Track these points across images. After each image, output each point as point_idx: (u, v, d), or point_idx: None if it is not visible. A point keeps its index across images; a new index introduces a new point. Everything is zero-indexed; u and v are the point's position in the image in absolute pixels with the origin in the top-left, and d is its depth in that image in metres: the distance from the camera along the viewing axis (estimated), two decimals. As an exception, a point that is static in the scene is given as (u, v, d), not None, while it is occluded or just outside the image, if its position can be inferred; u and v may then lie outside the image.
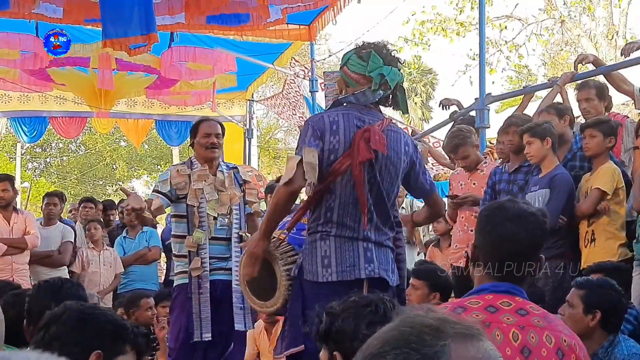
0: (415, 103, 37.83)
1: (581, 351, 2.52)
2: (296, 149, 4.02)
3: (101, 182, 35.83)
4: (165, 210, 6.24)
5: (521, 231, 2.60)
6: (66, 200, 11.02)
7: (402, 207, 9.59)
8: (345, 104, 4.02)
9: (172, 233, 5.91)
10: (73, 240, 8.93)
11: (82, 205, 10.35)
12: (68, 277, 8.33)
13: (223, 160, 6.01)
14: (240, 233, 5.76)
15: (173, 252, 5.91)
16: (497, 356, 1.35)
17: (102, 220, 9.67)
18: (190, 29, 10.09)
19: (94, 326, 2.42)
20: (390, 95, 4.10)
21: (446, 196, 8.66)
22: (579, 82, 6.62)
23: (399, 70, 4.11)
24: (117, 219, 10.58)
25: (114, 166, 34.98)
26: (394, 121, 4.24)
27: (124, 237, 9.54)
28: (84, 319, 2.45)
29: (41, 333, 2.45)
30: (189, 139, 6.27)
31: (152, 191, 5.86)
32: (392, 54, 4.14)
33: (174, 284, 5.84)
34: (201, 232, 5.58)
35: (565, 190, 5.62)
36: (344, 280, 3.80)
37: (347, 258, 3.84)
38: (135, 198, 5.73)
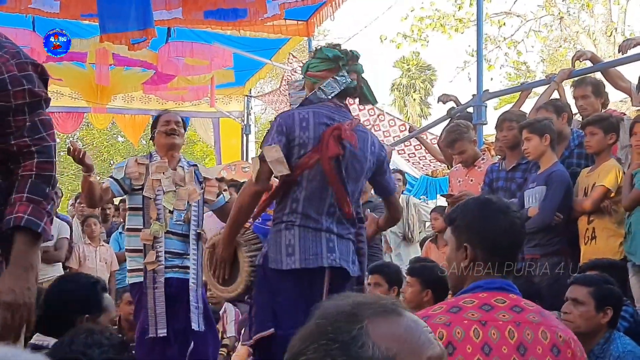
0: (414, 99, 37.85)
1: (577, 346, 2.50)
2: (261, 146, 4.20)
3: (99, 178, 35.80)
4: (116, 197, 6.06)
5: (511, 225, 2.61)
6: (62, 195, 11.01)
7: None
8: (316, 103, 4.16)
9: (127, 227, 5.70)
10: (69, 236, 8.92)
11: (77, 201, 10.32)
12: (62, 273, 8.33)
13: (184, 158, 5.86)
14: (198, 231, 5.63)
15: (126, 247, 5.71)
16: (420, 327, 1.35)
17: (97, 215, 9.63)
18: (187, 24, 10.06)
19: None
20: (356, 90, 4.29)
21: (442, 195, 8.68)
22: (576, 79, 6.60)
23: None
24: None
25: (112, 161, 34.98)
26: (362, 122, 4.45)
27: (120, 232, 9.52)
28: None
29: None
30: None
31: (107, 177, 5.72)
32: (346, 49, 4.32)
33: (129, 283, 5.68)
34: (159, 224, 5.43)
35: (561, 187, 5.61)
36: (307, 267, 3.97)
37: (310, 247, 3.99)
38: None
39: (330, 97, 4.15)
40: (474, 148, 6.78)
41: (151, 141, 5.89)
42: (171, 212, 5.51)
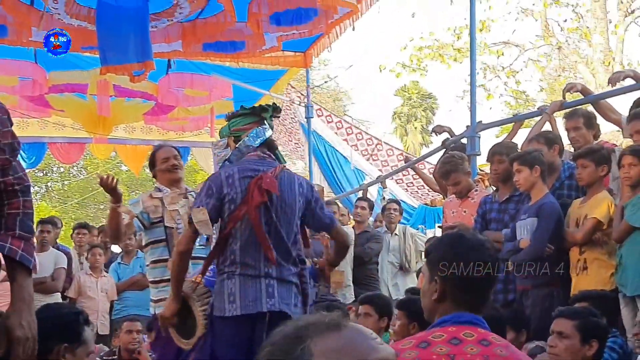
0: (415, 128, 37.93)
1: None
2: (191, 209, 4.57)
3: (102, 207, 35.81)
4: (136, 234, 6.14)
5: (484, 260, 2.64)
6: (62, 226, 11.06)
7: (395, 234, 9.65)
8: (243, 153, 4.50)
9: (150, 260, 5.72)
10: (66, 266, 8.97)
11: (75, 231, 10.37)
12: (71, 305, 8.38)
13: (188, 187, 5.95)
14: None
15: (150, 279, 5.76)
16: (362, 337, 1.42)
17: (105, 249, 9.67)
18: (187, 56, 10.18)
19: None
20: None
21: (438, 226, 8.74)
22: (567, 111, 6.67)
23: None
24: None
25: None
26: (287, 168, 4.66)
27: (119, 263, 9.57)
28: None
29: None
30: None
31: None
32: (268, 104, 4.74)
33: (156, 312, 5.72)
34: None
35: (552, 218, 5.65)
36: (247, 314, 4.23)
37: (250, 294, 4.26)
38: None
39: (256, 145, 4.49)
40: (468, 179, 6.84)
41: (154, 178, 5.96)
42: None
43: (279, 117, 4.77)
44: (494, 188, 6.68)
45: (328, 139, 13.75)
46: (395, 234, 9.69)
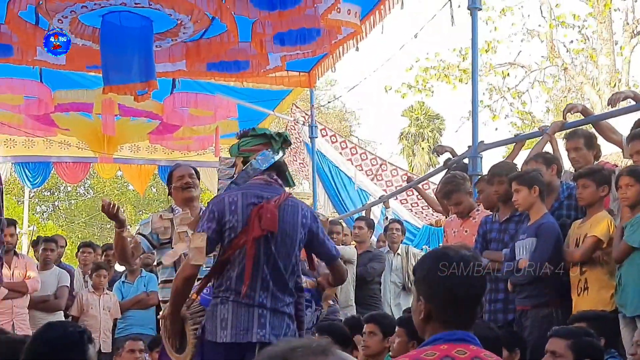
0: (423, 148, 37.93)
1: None
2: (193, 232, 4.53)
3: (109, 226, 35.87)
4: (145, 253, 6.22)
5: (469, 278, 2.62)
6: (65, 244, 11.09)
7: (398, 254, 9.65)
8: (250, 176, 4.45)
9: (160, 280, 5.86)
10: (69, 284, 8.99)
11: (80, 249, 10.40)
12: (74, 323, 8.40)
13: (204, 206, 6.02)
14: None
15: (160, 298, 5.87)
16: None
17: (109, 268, 9.68)
18: (191, 75, 10.24)
19: None
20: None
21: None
22: (568, 131, 6.68)
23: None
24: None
25: (122, 209, 35.00)
26: (292, 195, 4.59)
27: (123, 281, 9.58)
28: None
29: None
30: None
31: (135, 233, 5.87)
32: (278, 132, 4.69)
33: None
34: None
35: (551, 238, 5.65)
36: (237, 342, 4.23)
37: (242, 322, 4.26)
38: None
39: (263, 168, 4.43)
40: (470, 199, 6.84)
41: (169, 196, 6.03)
42: None
43: (286, 148, 4.66)
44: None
45: (332, 159, 13.78)
46: (398, 254, 9.69)
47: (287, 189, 4.60)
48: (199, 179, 5.98)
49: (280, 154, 4.53)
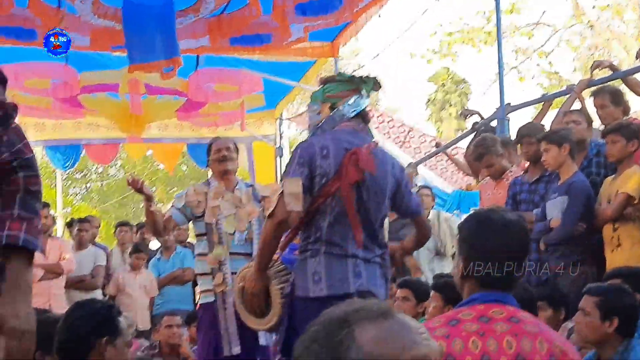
0: (450, 114, 37.71)
1: (574, 356, 2.54)
2: (282, 177, 4.25)
3: (141, 205, 35.98)
4: (181, 225, 6.33)
5: (509, 241, 2.63)
6: (99, 224, 11.22)
7: (429, 219, 9.64)
8: (337, 122, 4.19)
9: (195, 253, 5.99)
10: (105, 263, 9.10)
11: (118, 228, 10.51)
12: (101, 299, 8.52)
13: (242, 179, 6.08)
14: None
15: (196, 271, 6.00)
16: (405, 329, 1.42)
17: (144, 247, 9.76)
18: (214, 51, 10.22)
19: None
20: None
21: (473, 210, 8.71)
22: (594, 88, 6.62)
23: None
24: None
25: (154, 188, 35.27)
26: (380, 145, 4.36)
27: (158, 258, 9.68)
28: None
29: None
30: None
31: (170, 207, 5.97)
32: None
33: (199, 303, 5.92)
34: (221, 248, 5.64)
35: (582, 197, 5.63)
36: (334, 294, 3.93)
37: (336, 274, 4.00)
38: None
39: (351, 114, 4.18)
40: (502, 161, 6.79)
41: (208, 168, 6.16)
42: (232, 234, 5.71)
43: (377, 91, 4.40)
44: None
45: (359, 128, 13.72)
46: (429, 220, 9.67)
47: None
48: (237, 153, 5.99)
49: (368, 102, 4.28)
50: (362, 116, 4.27)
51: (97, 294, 8.82)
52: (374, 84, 4.31)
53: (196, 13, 8.56)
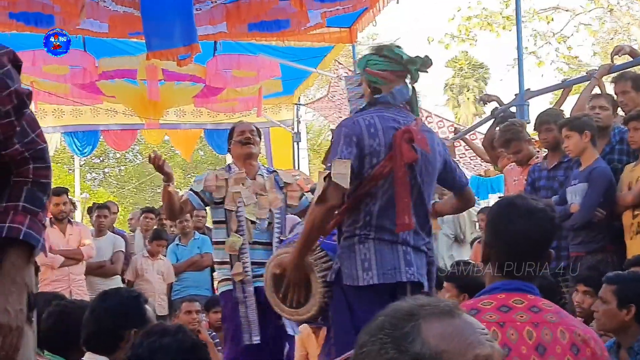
0: (468, 99, 37.61)
1: (596, 344, 2.51)
2: (326, 159, 4.00)
3: (159, 190, 36.13)
4: (196, 210, 6.18)
5: (532, 228, 2.60)
6: (118, 210, 11.26)
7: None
8: (377, 106, 3.94)
9: (213, 240, 5.82)
10: (124, 249, 9.15)
11: (143, 215, 10.53)
12: (122, 285, 8.56)
13: (263, 165, 5.88)
14: (282, 237, 5.54)
15: (215, 259, 5.81)
16: (471, 328, 1.43)
17: (163, 233, 9.79)
18: (232, 37, 10.22)
19: None
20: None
21: (499, 197, 8.69)
22: (615, 74, 6.56)
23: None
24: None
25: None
26: (424, 121, 4.22)
27: (177, 244, 9.71)
28: None
29: None
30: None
31: (187, 190, 5.78)
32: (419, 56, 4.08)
33: (219, 292, 5.83)
34: (237, 237, 5.44)
35: (603, 183, 5.59)
36: (386, 283, 3.77)
37: (387, 261, 3.79)
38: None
39: (399, 104, 3.97)
40: (529, 147, 6.72)
41: (228, 153, 5.91)
42: (253, 222, 5.52)
43: (426, 71, 4.05)
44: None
45: (377, 114, 13.70)
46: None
47: None
48: (260, 138, 5.80)
49: (411, 88, 4.01)
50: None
51: (117, 280, 8.87)
52: (422, 64, 4.02)
53: (214, -1, 8.57)
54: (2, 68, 2.24)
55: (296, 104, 14.56)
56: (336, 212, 3.87)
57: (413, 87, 4.06)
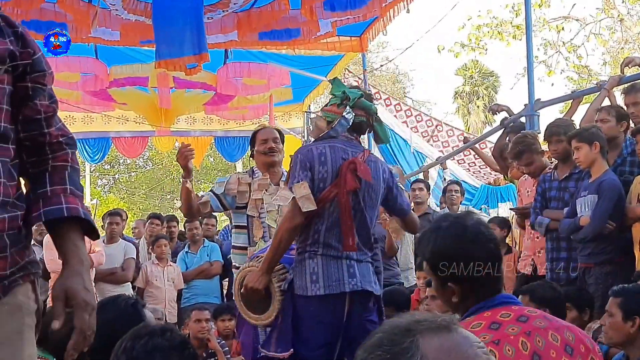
0: (478, 107, 37.53)
1: (587, 339, 2.52)
2: (288, 181, 4.54)
3: (169, 197, 36.36)
4: (214, 212, 6.10)
5: (488, 246, 2.61)
6: (127, 217, 11.27)
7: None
8: (328, 138, 4.46)
9: (233, 244, 5.71)
10: (135, 257, 9.17)
11: (149, 221, 10.55)
12: (132, 292, 8.58)
13: (286, 171, 5.86)
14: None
15: (233, 263, 5.71)
16: (468, 343, 1.44)
17: (167, 236, 9.81)
18: (243, 45, 10.28)
19: None
20: (371, 127, 4.61)
21: (511, 209, 8.68)
22: (626, 85, 6.56)
23: (371, 103, 4.57)
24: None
25: (181, 180, 35.36)
26: (372, 152, 4.68)
27: (186, 252, 9.73)
28: None
29: None
30: (248, 152, 6.01)
31: (209, 191, 5.74)
32: (363, 91, 4.66)
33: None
34: (264, 243, 5.36)
35: (613, 195, 5.57)
36: (331, 293, 4.28)
37: (333, 274, 4.31)
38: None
39: (342, 134, 4.46)
40: (542, 158, 6.68)
41: (251, 158, 5.82)
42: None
43: (364, 105, 4.52)
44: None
45: (387, 122, 13.72)
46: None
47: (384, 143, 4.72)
48: (283, 142, 5.74)
49: (352, 115, 4.46)
50: (355, 127, 4.51)
51: (128, 287, 8.88)
52: (359, 98, 4.50)
53: (225, 8, 8.62)
54: (40, 50, 2.30)
55: (306, 111, 14.59)
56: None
57: (375, 117, 4.58)
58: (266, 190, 5.53)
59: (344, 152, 4.39)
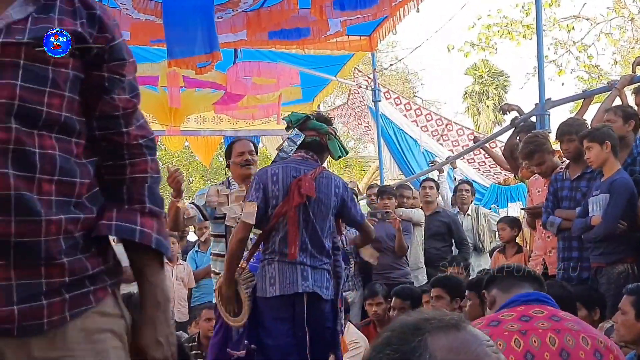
0: (487, 106, 37.44)
1: (619, 352, 2.53)
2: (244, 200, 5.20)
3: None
4: (198, 222, 6.42)
5: None
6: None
7: (468, 214, 9.61)
8: (280, 160, 5.06)
9: (212, 252, 6.06)
10: (144, 256, 9.16)
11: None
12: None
13: None
14: None
15: (212, 269, 6.01)
16: (477, 341, 1.45)
17: (177, 235, 9.81)
18: (253, 45, 10.28)
19: None
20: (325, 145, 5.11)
21: (522, 209, 8.66)
22: (637, 85, 6.53)
23: (320, 123, 5.09)
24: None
25: (190, 179, 35.45)
26: (326, 169, 5.19)
27: (196, 251, 9.74)
28: None
29: None
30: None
31: (189, 203, 6.00)
32: (316, 113, 5.34)
33: (214, 301, 5.84)
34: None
35: (625, 195, 5.56)
36: (285, 294, 4.85)
37: (287, 277, 4.88)
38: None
39: (290, 155, 5.02)
40: (553, 158, 6.65)
41: (227, 168, 6.08)
42: (251, 239, 5.58)
43: (314, 126, 5.06)
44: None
45: (396, 122, 13.72)
46: (468, 215, 9.64)
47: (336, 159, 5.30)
48: (257, 153, 6.03)
49: (302, 135, 5.02)
50: (308, 146, 5.05)
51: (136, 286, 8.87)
52: (304, 120, 5.05)
53: (235, 7, 8.61)
54: (121, 37, 2.03)
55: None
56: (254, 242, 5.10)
57: (329, 136, 5.05)
58: (243, 201, 5.70)
59: (295, 171, 4.94)
